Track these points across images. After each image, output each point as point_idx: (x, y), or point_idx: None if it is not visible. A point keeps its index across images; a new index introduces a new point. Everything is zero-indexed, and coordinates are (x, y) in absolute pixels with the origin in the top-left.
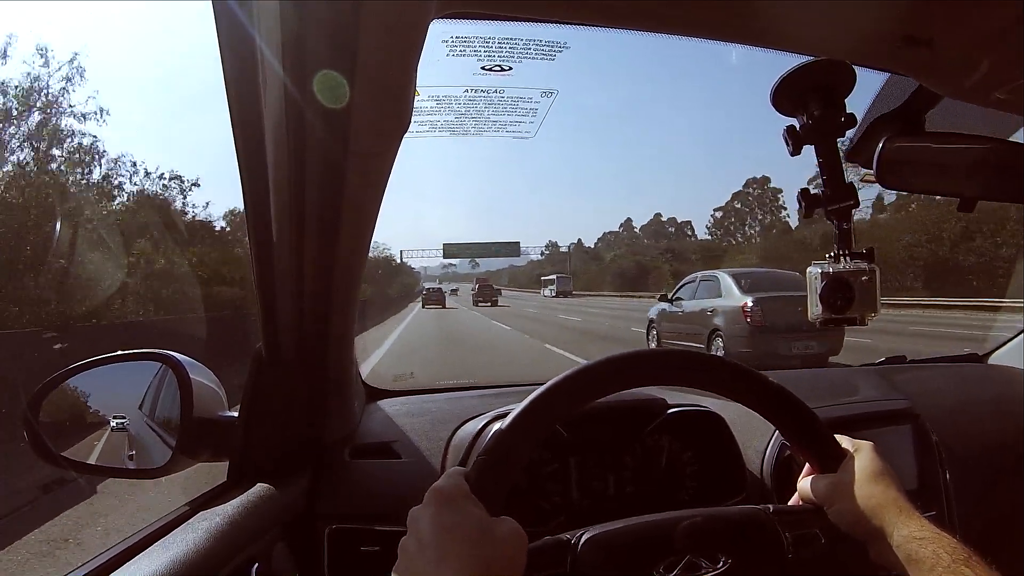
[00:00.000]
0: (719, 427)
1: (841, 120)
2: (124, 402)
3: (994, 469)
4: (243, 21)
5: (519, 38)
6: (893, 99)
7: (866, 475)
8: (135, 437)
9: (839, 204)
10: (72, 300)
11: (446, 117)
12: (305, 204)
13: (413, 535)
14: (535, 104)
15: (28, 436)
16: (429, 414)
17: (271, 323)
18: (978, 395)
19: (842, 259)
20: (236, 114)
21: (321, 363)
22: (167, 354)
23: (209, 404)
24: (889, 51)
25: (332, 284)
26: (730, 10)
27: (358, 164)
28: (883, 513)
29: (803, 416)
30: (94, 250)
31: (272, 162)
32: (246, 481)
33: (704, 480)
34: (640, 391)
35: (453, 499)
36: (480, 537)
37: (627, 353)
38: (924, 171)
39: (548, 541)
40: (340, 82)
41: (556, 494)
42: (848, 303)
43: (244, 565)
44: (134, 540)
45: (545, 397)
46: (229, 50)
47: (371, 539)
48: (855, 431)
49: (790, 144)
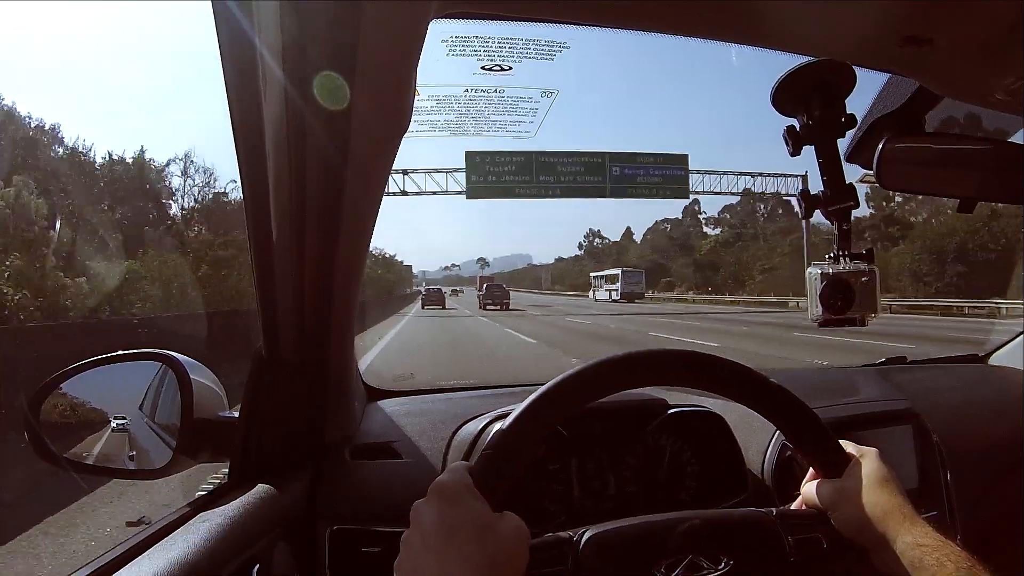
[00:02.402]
0: (720, 427)
1: (841, 120)
2: (124, 402)
3: (995, 469)
4: (243, 22)
5: (519, 38)
6: (893, 100)
7: (871, 482)
8: (135, 437)
9: (839, 205)
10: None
11: (446, 116)
12: (305, 204)
13: (417, 529)
14: (535, 104)
15: (29, 436)
16: (430, 414)
17: (271, 323)
18: (979, 396)
19: (842, 260)
20: (236, 114)
21: (321, 363)
22: (167, 354)
23: (209, 404)
24: (889, 51)
25: (332, 284)
26: (731, 10)
27: (358, 163)
28: (888, 520)
29: (807, 420)
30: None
31: (272, 162)
32: (247, 482)
33: (705, 480)
34: (641, 391)
35: (457, 494)
36: (484, 533)
37: (629, 353)
38: (924, 172)
39: (550, 538)
40: (340, 83)
41: (557, 493)
42: (848, 304)
43: (245, 566)
44: (135, 541)
45: (548, 395)
46: (229, 50)
47: (372, 540)
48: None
49: (790, 144)
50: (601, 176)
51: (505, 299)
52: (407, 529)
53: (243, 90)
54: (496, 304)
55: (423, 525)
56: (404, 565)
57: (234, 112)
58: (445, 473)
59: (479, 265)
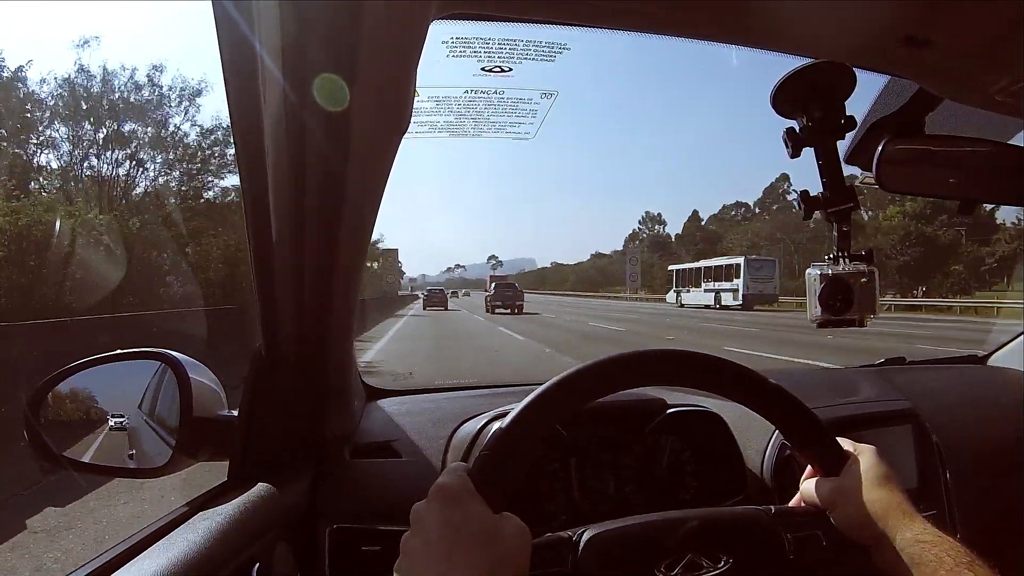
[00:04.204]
0: (719, 427)
1: (841, 122)
2: (123, 401)
3: (994, 470)
4: (243, 23)
5: (519, 39)
6: (893, 101)
7: (869, 479)
8: (135, 436)
9: (838, 206)
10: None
11: (446, 118)
12: (305, 204)
13: (417, 532)
14: (535, 105)
15: (28, 435)
16: (429, 413)
17: (271, 323)
18: (978, 396)
19: (841, 261)
20: (236, 114)
21: (321, 362)
22: (166, 353)
23: (209, 403)
24: (889, 52)
25: (332, 284)
26: (730, 12)
27: (358, 164)
28: (886, 517)
29: (805, 419)
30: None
31: (272, 162)
32: (246, 481)
33: (704, 480)
34: (640, 391)
35: (457, 496)
36: (485, 534)
37: (627, 353)
38: (924, 174)
39: (550, 538)
40: (340, 84)
41: (556, 494)
42: (847, 305)
43: (245, 565)
44: (135, 540)
45: (547, 395)
46: (229, 51)
47: (372, 539)
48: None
49: (790, 146)
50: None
51: (517, 300)
52: (407, 529)
53: (243, 91)
54: (506, 307)
55: (423, 528)
56: (405, 568)
57: (234, 113)
58: (444, 475)
59: (490, 264)
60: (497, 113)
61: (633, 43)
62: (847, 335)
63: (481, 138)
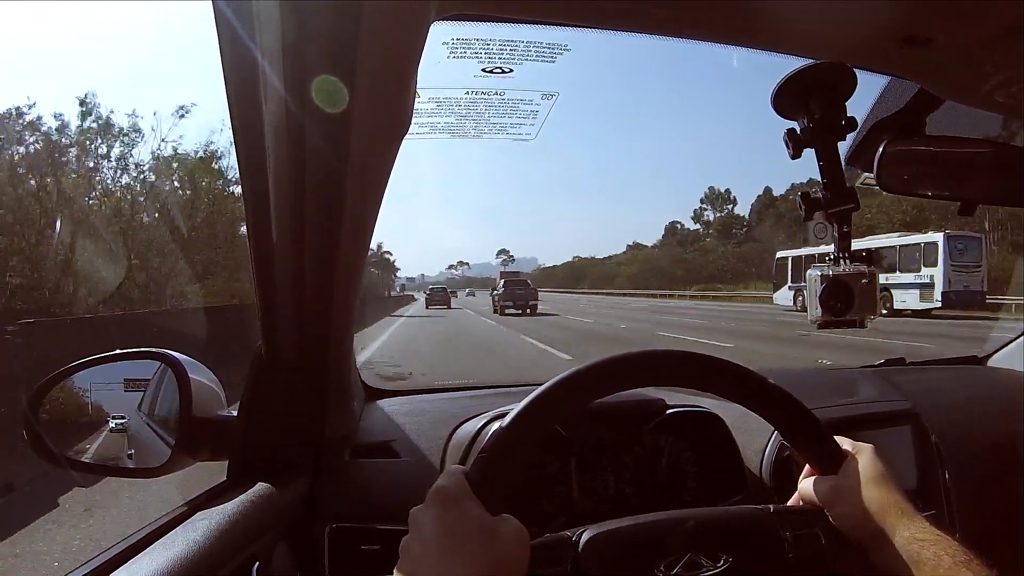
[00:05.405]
0: (718, 427)
1: (842, 123)
2: (123, 401)
3: (993, 470)
4: (243, 25)
5: (520, 40)
6: (894, 102)
7: (867, 478)
8: (134, 436)
9: (839, 207)
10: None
11: (446, 119)
12: (305, 205)
13: (415, 535)
14: (536, 106)
15: (28, 435)
16: (428, 414)
17: (271, 323)
18: (978, 397)
19: (841, 262)
20: (236, 116)
21: (321, 363)
22: (166, 353)
23: (208, 403)
24: (889, 52)
25: (331, 285)
26: (731, 12)
27: (358, 165)
28: (885, 516)
29: (803, 418)
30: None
31: (272, 164)
32: (246, 480)
33: (704, 479)
34: (639, 391)
35: (455, 499)
36: (483, 537)
37: (626, 353)
38: (924, 174)
39: (550, 539)
40: (340, 86)
41: (556, 495)
42: (847, 306)
43: (245, 564)
44: (134, 539)
45: (545, 396)
46: (229, 53)
47: (371, 538)
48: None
49: (790, 147)
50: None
51: (531, 300)
52: (406, 528)
53: (243, 92)
54: (517, 306)
55: (422, 531)
56: (404, 571)
57: (234, 114)
58: (441, 478)
59: (500, 260)
60: (498, 114)
61: (636, 43)
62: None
63: (482, 139)
